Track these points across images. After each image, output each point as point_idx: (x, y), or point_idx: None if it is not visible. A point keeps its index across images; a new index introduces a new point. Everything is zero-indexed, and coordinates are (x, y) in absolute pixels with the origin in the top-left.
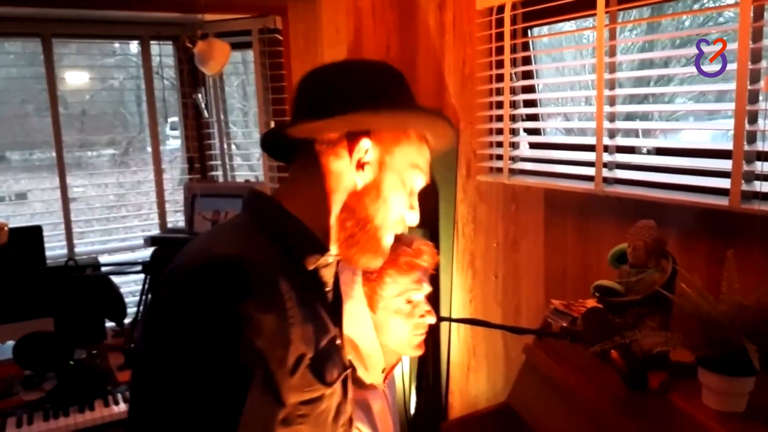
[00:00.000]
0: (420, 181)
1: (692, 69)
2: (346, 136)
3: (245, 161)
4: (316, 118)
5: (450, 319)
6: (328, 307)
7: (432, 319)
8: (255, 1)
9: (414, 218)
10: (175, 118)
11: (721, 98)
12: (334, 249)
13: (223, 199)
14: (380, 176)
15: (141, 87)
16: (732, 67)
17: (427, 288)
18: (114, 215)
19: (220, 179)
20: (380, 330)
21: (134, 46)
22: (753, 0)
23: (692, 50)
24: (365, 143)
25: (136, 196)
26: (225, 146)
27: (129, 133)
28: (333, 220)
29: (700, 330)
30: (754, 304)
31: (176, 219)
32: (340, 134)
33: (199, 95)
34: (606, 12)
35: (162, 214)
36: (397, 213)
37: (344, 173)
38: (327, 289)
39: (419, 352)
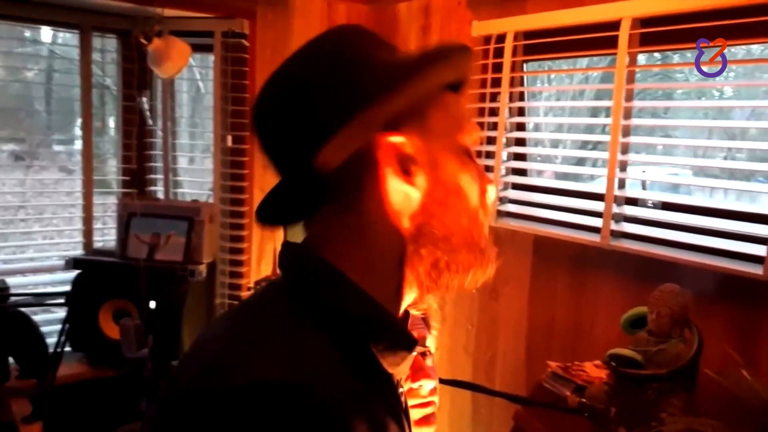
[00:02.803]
0: (472, 130)
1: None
2: (373, 142)
3: (193, 177)
4: (321, 138)
5: (447, 382)
6: (403, 414)
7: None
8: (222, 1)
9: (491, 182)
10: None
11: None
12: (410, 297)
13: (165, 220)
14: (436, 165)
15: (53, 81)
16: None
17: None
18: (25, 230)
19: (160, 196)
20: None
21: (46, 34)
22: None
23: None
24: (395, 138)
25: (55, 209)
26: (170, 159)
27: (35, 133)
28: (407, 263)
29: (749, 417)
30: None
31: (102, 238)
32: (364, 143)
33: (144, 99)
34: (628, 53)
35: (88, 232)
36: (475, 193)
37: (393, 193)
38: (401, 390)
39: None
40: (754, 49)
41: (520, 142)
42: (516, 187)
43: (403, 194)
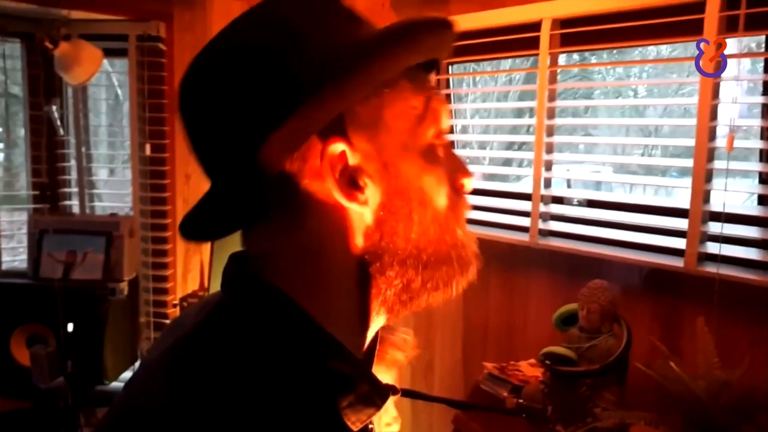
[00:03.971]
0: (439, 117)
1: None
2: (309, 149)
3: (113, 190)
4: (251, 138)
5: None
6: None
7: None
8: (136, 2)
9: (468, 174)
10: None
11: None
12: (378, 323)
13: (80, 236)
14: (391, 172)
15: None
16: (692, 122)
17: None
18: None
19: (76, 211)
20: None
21: None
22: (712, 57)
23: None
24: (336, 147)
25: None
26: (85, 171)
27: None
28: (371, 287)
29: (677, 407)
30: (738, 380)
31: (13, 258)
32: (300, 149)
33: (54, 107)
34: (549, 53)
35: None
36: (443, 195)
37: (339, 210)
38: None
39: None
40: (662, 50)
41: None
42: None
43: (347, 213)
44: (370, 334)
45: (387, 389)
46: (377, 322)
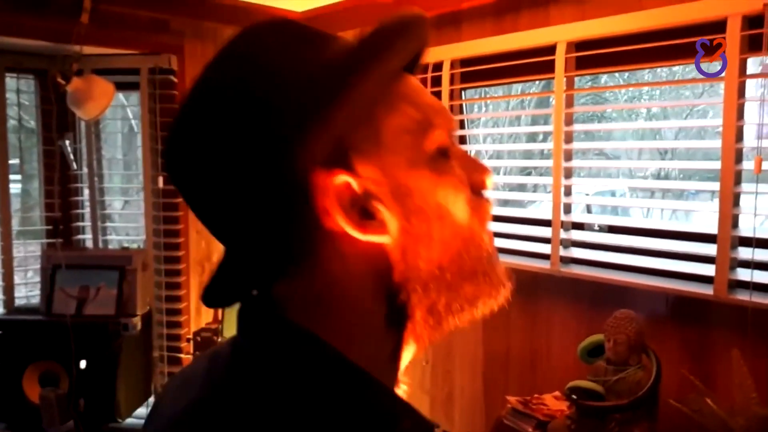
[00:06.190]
0: (442, 120)
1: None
2: (308, 186)
3: (124, 222)
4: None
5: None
6: None
7: None
8: (147, 36)
9: (487, 171)
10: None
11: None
12: (408, 356)
13: (93, 271)
14: (404, 191)
15: None
16: (717, 144)
17: None
18: None
19: (89, 245)
20: None
21: None
22: (739, 76)
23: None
24: (338, 179)
25: None
26: (98, 205)
27: None
28: (399, 320)
29: None
30: None
31: (26, 294)
32: (315, 180)
33: (67, 142)
34: (565, 76)
35: (8, 288)
36: (462, 205)
37: (355, 246)
38: None
39: None
40: (676, 70)
41: None
42: None
43: (368, 245)
44: (401, 369)
45: (430, 424)
46: (407, 354)
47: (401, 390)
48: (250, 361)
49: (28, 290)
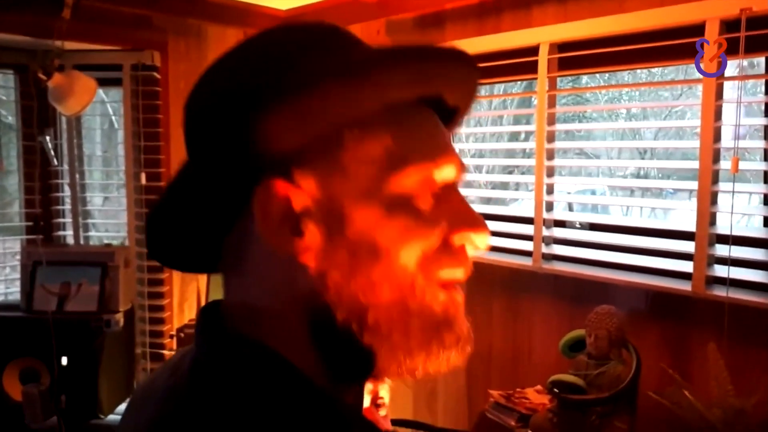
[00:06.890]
0: (446, 163)
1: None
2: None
3: (104, 218)
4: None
5: (395, 422)
6: None
7: None
8: (130, 33)
9: (474, 229)
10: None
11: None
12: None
13: (75, 267)
14: (337, 218)
15: None
16: (695, 144)
17: None
18: None
19: (70, 241)
20: None
21: None
22: (716, 78)
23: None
24: (277, 188)
25: None
26: (79, 201)
27: None
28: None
29: None
30: (753, 408)
31: (4, 291)
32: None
33: (47, 138)
34: (547, 77)
35: None
36: (410, 252)
37: (277, 258)
38: None
39: None
40: (655, 72)
41: None
42: None
43: (293, 261)
44: (366, 384)
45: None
46: (376, 375)
47: (364, 402)
48: (206, 377)
49: (5, 287)
